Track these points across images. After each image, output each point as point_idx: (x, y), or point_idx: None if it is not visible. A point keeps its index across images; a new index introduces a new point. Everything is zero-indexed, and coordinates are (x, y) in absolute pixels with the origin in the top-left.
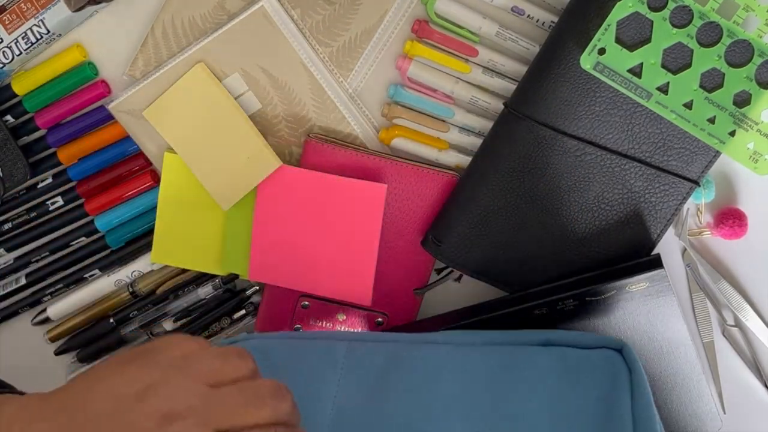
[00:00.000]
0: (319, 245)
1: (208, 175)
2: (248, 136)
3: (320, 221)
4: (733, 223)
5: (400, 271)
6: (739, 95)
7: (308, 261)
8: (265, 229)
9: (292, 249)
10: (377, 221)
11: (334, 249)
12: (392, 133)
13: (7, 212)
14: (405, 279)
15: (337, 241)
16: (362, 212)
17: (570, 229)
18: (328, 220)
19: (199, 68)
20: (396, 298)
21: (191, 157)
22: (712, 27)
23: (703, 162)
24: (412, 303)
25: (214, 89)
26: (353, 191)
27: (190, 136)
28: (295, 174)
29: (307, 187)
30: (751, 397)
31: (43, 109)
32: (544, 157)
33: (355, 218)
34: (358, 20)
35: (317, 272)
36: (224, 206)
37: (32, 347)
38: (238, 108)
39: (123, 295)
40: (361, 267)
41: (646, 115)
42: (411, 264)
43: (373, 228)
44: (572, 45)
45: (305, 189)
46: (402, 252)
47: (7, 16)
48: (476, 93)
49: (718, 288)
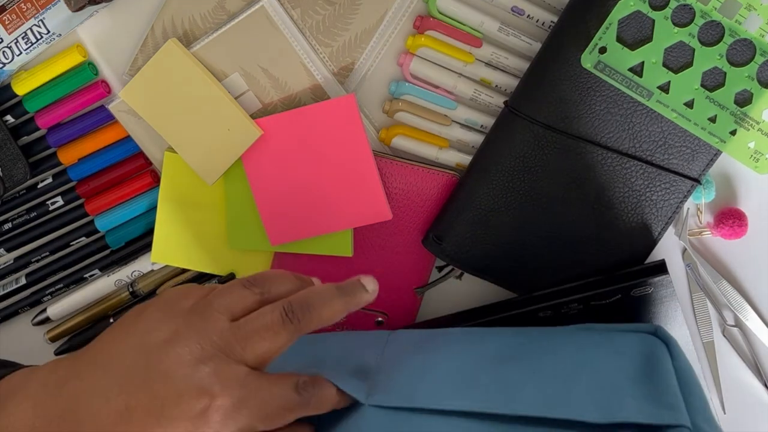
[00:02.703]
0: (320, 183)
1: (190, 151)
2: (227, 108)
3: (311, 159)
4: (733, 223)
5: (400, 270)
6: (741, 94)
7: (318, 203)
8: (266, 193)
9: (298, 199)
10: (360, 131)
11: (336, 179)
12: (392, 133)
13: (7, 212)
14: (405, 278)
15: (334, 171)
16: (343, 129)
17: (570, 228)
18: (317, 154)
19: (171, 43)
20: (396, 297)
21: (172, 134)
22: (713, 26)
23: (704, 161)
24: (412, 302)
25: (188, 64)
26: (327, 114)
27: (168, 113)
28: (269, 124)
29: (285, 132)
30: (751, 397)
31: (44, 109)
32: (544, 156)
33: (340, 139)
34: (358, 20)
35: (331, 210)
36: (209, 181)
37: (32, 347)
38: (214, 81)
39: (123, 295)
40: (367, 184)
41: (647, 114)
42: (411, 263)
43: (359, 139)
44: (573, 44)
45: (284, 135)
46: (402, 251)
47: (7, 16)
48: (479, 88)
49: (718, 288)
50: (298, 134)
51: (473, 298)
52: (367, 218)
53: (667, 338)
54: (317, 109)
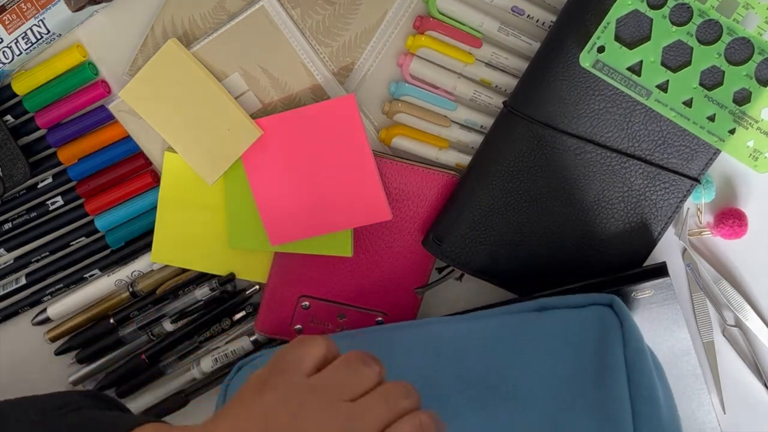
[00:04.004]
0: (320, 183)
1: (190, 151)
2: (227, 108)
3: (311, 159)
4: (733, 223)
5: (400, 270)
6: (739, 93)
7: (318, 203)
8: (266, 193)
9: (298, 199)
10: (360, 131)
11: (336, 179)
12: (392, 133)
13: (7, 212)
14: (405, 278)
15: (334, 171)
16: (343, 130)
17: (570, 228)
18: (317, 154)
19: (171, 43)
20: (396, 298)
21: (172, 134)
22: (711, 25)
23: (704, 160)
24: (412, 302)
25: (188, 64)
26: (327, 114)
27: (168, 113)
28: (269, 124)
29: (285, 132)
30: (751, 397)
31: (43, 109)
32: (543, 156)
33: (339, 139)
34: (358, 20)
35: (331, 210)
36: (209, 181)
37: (32, 347)
38: (214, 81)
39: (123, 295)
40: (367, 184)
41: (646, 113)
42: (411, 263)
43: (359, 139)
44: (571, 43)
45: (284, 135)
46: (402, 251)
47: (7, 16)
48: (478, 89)
49: (718, 288)
50: (298, 134)
51: (474, 298)
52: (367, 218)
53: (622, 314)
54: (317, 109)
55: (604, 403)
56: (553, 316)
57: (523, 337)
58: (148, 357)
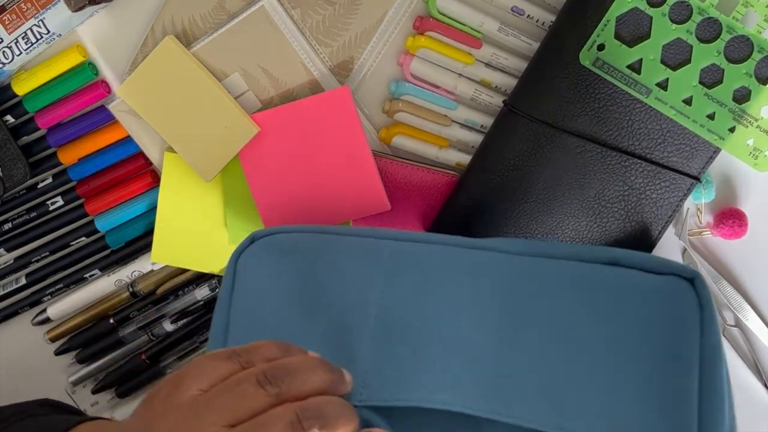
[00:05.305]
0: (318, 176)
1: (187, 148)
2: (224, 105)
3: (307, 152)
4: (733, 223)
5: None
6: (739, 91)
7: (316, 197)
8: (263, 189)
9: (296, 194)
10: (356, 123)
11: (333, 171)
12: (393, 132)
13: (7, 212)
14: None
15: (331, 164)
16: (339, 122)
17: (571, 227)
18: (314, 148)
19: (168, 40)
20: None
21: (169, 131)
22: (711, 23)
23: (703, 158)
24: None
25: (185, 61)
26: (322, 107)
27: (165, 110)
28: (265, 119)
29: (281, 127)
30: (751, 397)
31: (44, 109)
32: (543, 155)
33: (335, 131)
34: (358, 20)
35: (329, 203)
36: (206, 178)
37: (32, 347)
38: (211, 78)
39: (123, 295)
40: (365, 175)
41: (646, 112)
42: None
43: (355, 132)
44: (571, 41)
45: (280, 130)
46: None
47: (7, 16)
48: (479, 88)
49: (718, 288)
50: (293, 128)
51: None
52: (366, 210)
53: (704, 298)
54: (312, 102)
55: (666, 396)
56: (626, 276)
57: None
58: (148, 357)
